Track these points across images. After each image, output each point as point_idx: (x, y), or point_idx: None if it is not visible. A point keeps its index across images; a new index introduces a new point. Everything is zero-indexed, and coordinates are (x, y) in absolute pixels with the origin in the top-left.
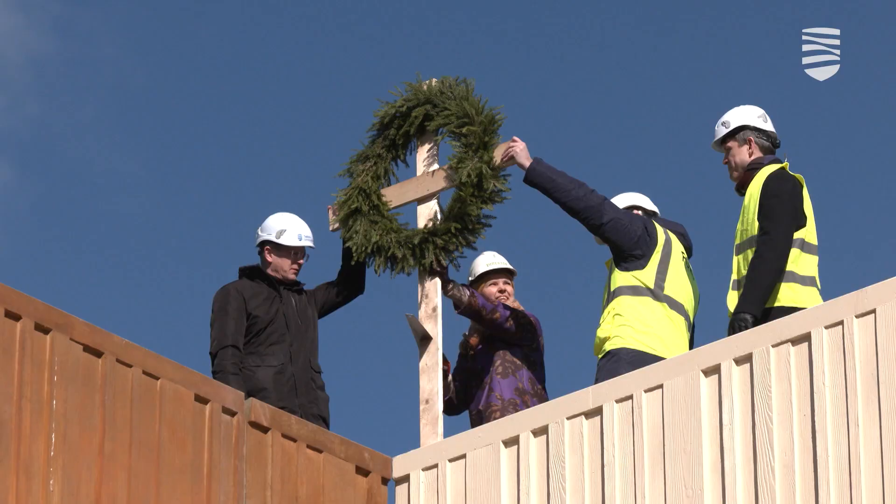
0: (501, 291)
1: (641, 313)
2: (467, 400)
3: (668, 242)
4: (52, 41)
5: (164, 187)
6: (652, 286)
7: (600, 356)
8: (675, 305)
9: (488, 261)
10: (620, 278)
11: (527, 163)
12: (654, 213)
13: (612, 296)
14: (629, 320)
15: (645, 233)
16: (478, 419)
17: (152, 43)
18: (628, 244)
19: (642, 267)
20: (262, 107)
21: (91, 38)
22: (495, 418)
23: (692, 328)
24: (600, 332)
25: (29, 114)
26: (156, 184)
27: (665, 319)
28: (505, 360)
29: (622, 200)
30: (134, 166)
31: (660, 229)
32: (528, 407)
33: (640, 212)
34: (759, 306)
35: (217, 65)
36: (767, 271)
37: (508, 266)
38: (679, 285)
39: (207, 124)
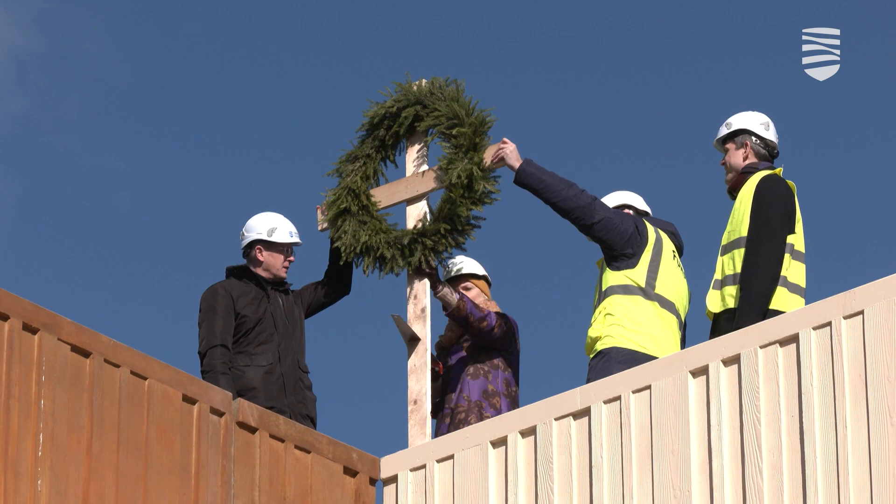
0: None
1: (633, 312)
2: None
3: (658, 241)
4: (35, 36)
5: (151, 184)
6: (643, 285)
7: (592, 356)
8: (667, 304)
9: (448, 269)
10: (612, 277)
11: (517, 164)
12: (645, 212)
13: (603, 295)
14: (620, 319)
15: (636, 231)
16: (449, 419)
17: (136, 38)
18: (619, 243)
19: (633, 266)
20: (249, 103)
21: (74, 33)
22: (459, 419)
23: (683, 327)
24: (592, 332)
25: (11, 110)
26: (142, 181)
27: (656, 318)
28: (478, 362)
29: (613, 199)
30: (119, 163)
31: (650, 228)
32: (494, 409)
33: (631, 211)
34: (759, 317)
35: (203, 60)
36: (763, 280)
37: (463, 272)
38: (670, 284)
39: (193, 120)
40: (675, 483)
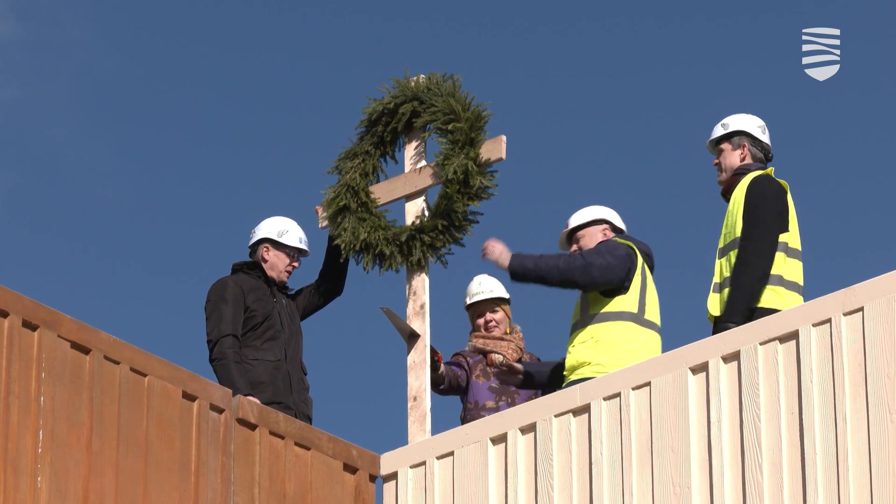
0: (488, 321)
1: (625, 338)
2: (458, 387)
3: (643, 267)
4: (12, 24)
5: (138, 176)
6: (636, 311)
7: (576, 378)
8: (653, 327)
9: (473, 291)
10: (602, 303)
11: (506, 264)
12: (620, 229)
13: (591, 319)
14: (611, 346)
15: (633, 265)
16: None
17: (119, 24)
18: (618, 283)
19: (625, 293)
20: (239, 92)
21: (54, 20)
22: None
23: None
24: (579, 356)
25: None
26: (132, 173)
27: (645, 345)
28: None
29: (589, 213)
30: (106, 154)
31: (636, 252)
32: None
33: (607, 226)
34: (745, 314)
35: (192, 48)
36: (752, 277)
37: (491, 296)
38: (655, 306)
39: (181, 110)
40: (674, 480)
